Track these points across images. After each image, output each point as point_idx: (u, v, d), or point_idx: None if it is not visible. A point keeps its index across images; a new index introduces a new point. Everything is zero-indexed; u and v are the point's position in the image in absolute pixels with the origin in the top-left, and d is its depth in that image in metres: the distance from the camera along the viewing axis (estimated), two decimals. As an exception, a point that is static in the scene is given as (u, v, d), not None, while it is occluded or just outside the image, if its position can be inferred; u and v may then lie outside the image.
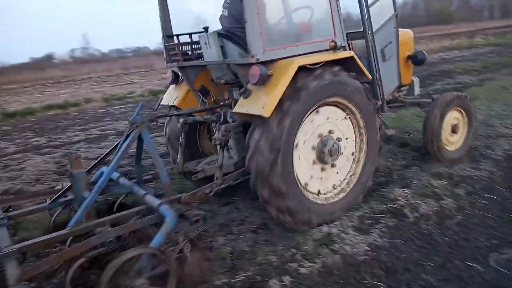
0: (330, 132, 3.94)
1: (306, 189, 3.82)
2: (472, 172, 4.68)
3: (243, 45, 3.70)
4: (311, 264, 3.14)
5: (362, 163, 4.16)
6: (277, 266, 3.15)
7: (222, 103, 4.53)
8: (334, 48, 3.73)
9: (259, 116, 3.38)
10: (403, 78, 5.19)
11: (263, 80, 3.40)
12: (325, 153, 3.83)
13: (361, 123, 4.11)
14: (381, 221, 3.74)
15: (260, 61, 3.43)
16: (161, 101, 4.53)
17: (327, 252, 3.28)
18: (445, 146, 5.10)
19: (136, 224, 3.17)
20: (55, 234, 3.01)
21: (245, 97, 3.55)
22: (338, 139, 3.97)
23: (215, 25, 4.23)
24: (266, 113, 3.33)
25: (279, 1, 4.26)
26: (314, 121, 3.83)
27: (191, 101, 4.64)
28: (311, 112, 3.75)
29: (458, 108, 5.15)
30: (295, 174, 3.65)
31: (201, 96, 4.58)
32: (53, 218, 3.77)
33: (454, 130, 5.17)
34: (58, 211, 3.80)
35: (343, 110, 4.04)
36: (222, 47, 3.86)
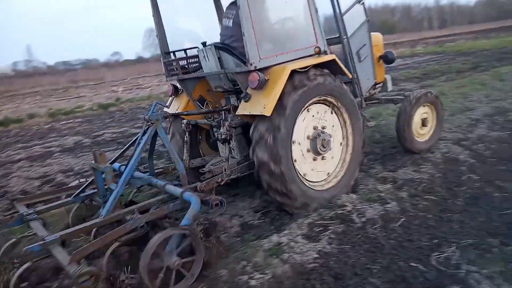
0: (330, 135, 4.38)
1: (291, 149, 4.07)
2: (414, 175, 4.90)
3: (238, 55, 4.13)
4: (261, 275, 3.13)
5: (337, 180, 4.51)
6: (227, 280, 3.12)
7: (220, 109, 4.81)
8: (319, 53, 4.23)
9: (261, 116, 3.83)
10: (377, 77, 5.66)
11: (262, 85, 3.86)
12: (319, 138, 4.25)
13: (349, 153, 4.60)
14: (330, 227, 3.81)
15: (257, 68, 3.88)
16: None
17: (277, 262, 3.29)
18: (416, 137, 5.57)
19: (163, 210, 3.54)
20: (90, 222, 3.39)
21: (246, 101, 3.98)
22: (331, 146, 4.38)
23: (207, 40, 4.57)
24: (267, 112, 3.77)
25: (268, 16, 4.61)
26: (327, 114, 4.40)
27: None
28: (323, 105, 4.34)
29: (427, 103, 5.64)
30: (293, 133, 4.04)
31: (200, 105, 4.95)
32: (71, 213, 4.10)
33: (424, 123, 5.65)
34: (76, 206, 4.13)
35: (342, 136, 4.58)
36: (219, 59, 4.23)
